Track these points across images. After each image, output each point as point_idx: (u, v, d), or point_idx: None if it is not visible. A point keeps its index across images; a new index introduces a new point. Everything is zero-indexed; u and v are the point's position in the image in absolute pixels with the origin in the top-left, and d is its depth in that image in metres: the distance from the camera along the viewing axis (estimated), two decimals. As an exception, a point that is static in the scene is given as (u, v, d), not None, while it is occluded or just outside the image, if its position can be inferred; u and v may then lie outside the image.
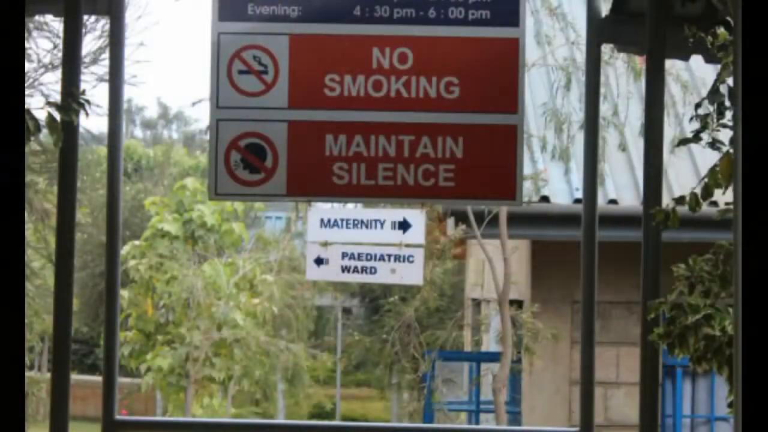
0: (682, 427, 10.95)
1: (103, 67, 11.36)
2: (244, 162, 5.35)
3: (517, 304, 11.30)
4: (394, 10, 5.36)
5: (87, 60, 11.22)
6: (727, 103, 4.95)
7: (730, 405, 4.64)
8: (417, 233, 5.48)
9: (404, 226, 5.48)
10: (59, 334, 5.40)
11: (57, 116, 5.00)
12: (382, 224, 5.49)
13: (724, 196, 4.53)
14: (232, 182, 5.37)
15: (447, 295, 18.85)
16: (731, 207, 3.92)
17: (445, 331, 12.40)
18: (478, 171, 5.35)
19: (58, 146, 5.16)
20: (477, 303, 14.34)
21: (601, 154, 9.46)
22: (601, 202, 8.72)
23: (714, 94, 4.97)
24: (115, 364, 5.54)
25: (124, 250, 21.54)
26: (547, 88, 11.16)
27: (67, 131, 5.16)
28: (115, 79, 5.55)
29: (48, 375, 12.71)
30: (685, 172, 10.40)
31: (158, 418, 21.49)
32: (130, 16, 11.92)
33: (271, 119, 5.36)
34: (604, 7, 5.64)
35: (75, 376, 25.63)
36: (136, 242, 22.46)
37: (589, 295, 5.47)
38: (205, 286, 21.29)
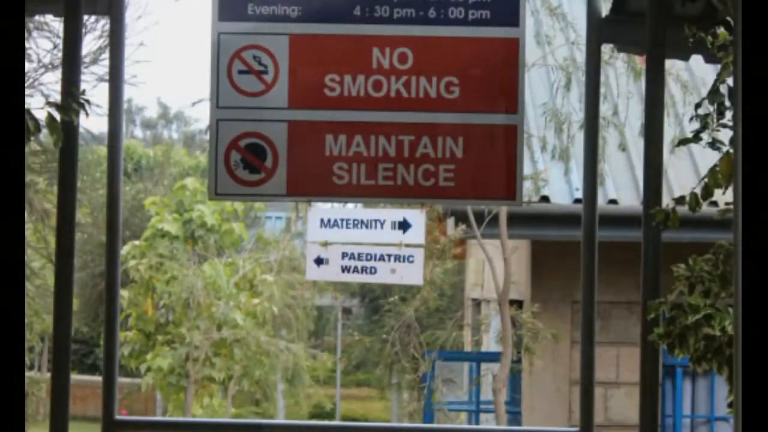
0: (682, 427, 10.94)
1: (103, 67, 11.39)
2: (244, 162, 5.35)
3: (517, 304, 11.29)
4: (394, 10, 5.36)
5: (87, 60, 11.23)
6: (727, 103, 4.94)
7: (730, 405, 4.64)
8: (417, 233, 5.48)
9: (404, 226, 5.47)
10: (59, 334, 5.40)
11: (57, 116, 5.00)
12: (382, 224, 5.49)
13: (724, 196, 4.53)
14: (232, 182, 5.36)
15: (447, 295, 18.86)
16: (731, 207, 3.92)
17: (445, 331, 12.39)
18: (478, 171, 5.34)
19: (58, 146, 5.16)
20: (477, 303, 14.34)
21: (601, 154, 9.45)
22: (601, 202, 8.71)
23: (714, 94, 4.96)
24: (115, 364, 5.53)
25: (124, 250, 21.51)
26: (547, 88, 11.15)
27: (67, 131, 5.16)
28: (115, 79, 5.55)
29: (48, 375, 12.71)
30: (685, 172, 10.39)
31: (158, 418, 21.49)
32: (130, 16, 11.95)
33: (271, 119, 5.36)
34: (604, 7, 5.63)
35: (75, 376, 25.62)
36: (136, 242, 22.43)
37: (589, 295, 5.46)
38: (205, 286, 21.27)
